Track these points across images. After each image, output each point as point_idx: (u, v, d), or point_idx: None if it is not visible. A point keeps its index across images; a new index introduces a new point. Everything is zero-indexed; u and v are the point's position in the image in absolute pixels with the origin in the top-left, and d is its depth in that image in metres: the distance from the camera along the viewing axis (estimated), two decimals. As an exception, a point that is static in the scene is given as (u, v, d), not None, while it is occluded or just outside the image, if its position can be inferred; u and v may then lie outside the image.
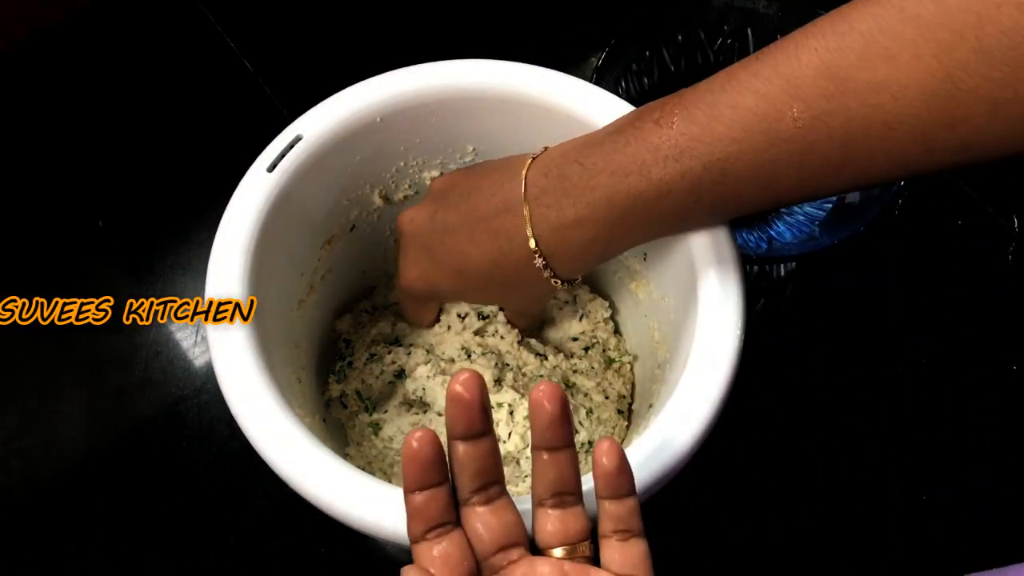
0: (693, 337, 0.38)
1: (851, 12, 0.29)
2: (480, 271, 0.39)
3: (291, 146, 0.42)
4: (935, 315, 0.59)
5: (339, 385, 0.49)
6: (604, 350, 0.51)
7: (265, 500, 0.51)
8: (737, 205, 0.34)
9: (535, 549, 0.30)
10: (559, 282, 0.38)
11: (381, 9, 0.72)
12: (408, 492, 0.29)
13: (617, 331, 0.52)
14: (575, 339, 0.52)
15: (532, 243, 0.37)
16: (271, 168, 0.41)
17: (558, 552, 0.30)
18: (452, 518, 0.30)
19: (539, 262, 0.37)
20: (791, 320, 0.59)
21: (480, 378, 0.28)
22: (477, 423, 0.29)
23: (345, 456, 0.46)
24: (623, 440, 0.49)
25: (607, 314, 0.52)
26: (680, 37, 0.60)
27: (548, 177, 0.36)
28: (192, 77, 0.69)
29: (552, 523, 0.30)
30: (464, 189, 0.40)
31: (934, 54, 0.27)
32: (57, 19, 0.70)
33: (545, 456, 0.30)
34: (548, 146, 0.39)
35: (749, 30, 0.59)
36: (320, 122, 0.42)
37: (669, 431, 0.35)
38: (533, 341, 0.51)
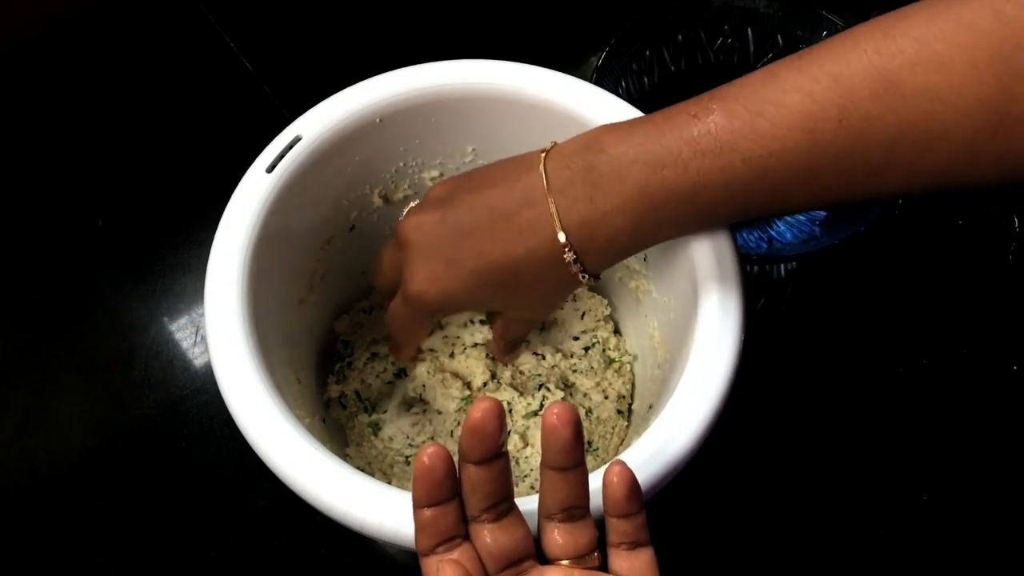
0: (693, 337, 0.38)
1: (904, 17, 0.29)
2: (503, 270, 0.37)
3: (291, 146, 0.42)
4: (935, 315, 0.59)
5: (338, 386, 0.49)
6: (604, 350, 0.51)
7: (265, 500, 0.51)
8: (771, 204, 0.33)
9: (543, 560, 0.30)
10: (586, 277, 0.37)
11: (381, 9, 0.72)
12: (417, 507, 0.29)
13: (617, 331, 0.52)
14: (575, 338, 0.52)
15: (562, 236, 0.35)
16: (270, 168, 0.41)
17: (567, 564, 0.30)
18: (461, 532, 0.29)
19: (569, 256, 0.35)
20: (791, 320, 0.59)
21: (500, 408, 0.28)
22: (493, 450, 0.28)
23: (345, 457, 0.47)
24: (623, 440, 0.49)
25: (606, 312, 0.52)
26: (680, 37, 0.60)
27: (571, 168, 0.35)
28: (192, 77, 0.69)
29: (562, 536, 0.30)
30: (472, 187, 0.38)
31: (989, 62, 0.26)
32: (58, 18, 0.70)
33: (556, 475, 0.29)
34: (556, 141, 0.38)
35: (749, 30, 0.59)
36: (320, 122, 0.42)
37: (669, 432, 0.35)
38: (532, 340, 0.51)
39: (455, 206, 0.38)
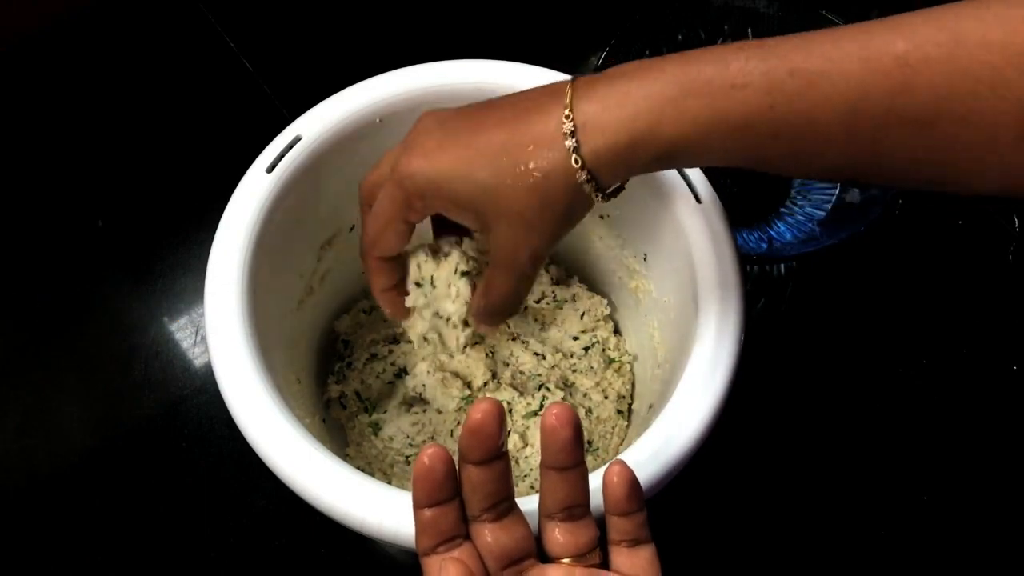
0: (693, 337, 0.38)
1: None
2: (491, 139, 0.33)
3: (290, 146, 0.42)
4: (935, 315, 0.59)
5: (338, 386, 0.49)
6: (604, 349, 0.51)
7: (265, 500, 0.51)
8: (802, 140, 0.30)
9: (544, 559, 0.30)
10: (586, 174, 0.32)
11: (381, 9, 0.72)
12: (418, 508, 0.29)
13: (617, 331, 0.52)
14: (575, 338, 0.52)
15: (566, 109, 0.32)
16: (270, 168, 0.41)
17: (568, 562, 0.30)
18: (462, 532, 0.29)
19: (567, 127, 0.32)
20: (791, 320, 0.59)
21: (500, 409, 0.28)
22: (493, 451, 0.28)
23: (345, 457, 0.47)
24: (623, 440, 0.49)
25: (606, 311, 0.52)
26: (680, 37, 0.60)
27: (605, 75, 0.33)
28: (192, 77, 0.69)
29: (563, 535, 0.30)
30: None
31: None
32: (58, 18, 0.70)
33: (556, 475, 0.29)
34: None
35: (749, 30, 0.59)
36: (320, 122, 0.42)
37: (669, 431, 0.35)
38: (532, 340, 0.51)
39: (479, 104, 0.36)
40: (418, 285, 0.40)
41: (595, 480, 0.30)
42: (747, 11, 0.58)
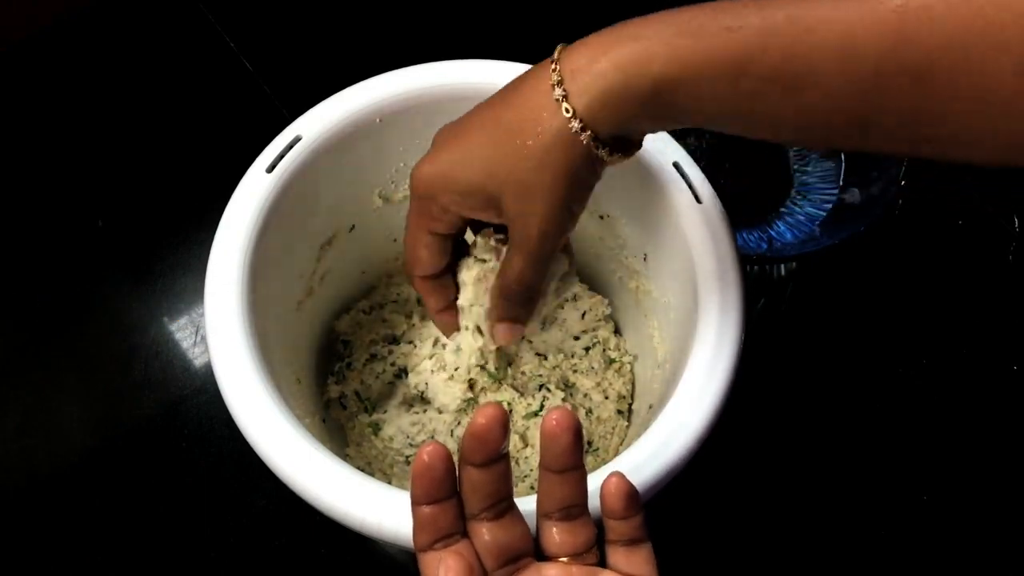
0: (693, 337, 0.38)
1: None
2: (486, 119, 0.34)
3: (290, 146, 0.42)
4: (935, 315, 0.59)
5: (338, 386, 0.49)
6: (605, 350, 0.51)
7: (265, 500, 0.51)
8: (796, 88, 0.29)
9: (541, 558, 0.30)
10: (576, 123, 0.31)
11: (381, 9, 0.72)
12: (416, 504, 0.29)
13: (617, 331, 0.52)
14: (576, 338, 0.52)
15: (554, 65, 0.32)
16: (270, 168, 0.41)
17: (565, 561, 0.30)
18: (459, 529, 0.29)
19: (554, 77, 0.31)
20: (791, 320, 0.59)
21: (504, 415, 0.28)
22: (494, 454, 0.28)
23: (345, 457, 0.47)
24: (623, 440, 0.49)
25: (607, 311, 0.52)
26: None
27: (597, 32, 0.33)
28: (192, 77, 0.69)
29: (560, 534, 0.30)
30: None
31: None
32: (58, 18, 0.70)
33: (554, 476, 0.29)
34: None
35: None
36: (320, 122, 0.42)
37: (669, 432, 0.35)
38: (534, 340, 0.50)
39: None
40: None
41: (595, 480, 0.30)
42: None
